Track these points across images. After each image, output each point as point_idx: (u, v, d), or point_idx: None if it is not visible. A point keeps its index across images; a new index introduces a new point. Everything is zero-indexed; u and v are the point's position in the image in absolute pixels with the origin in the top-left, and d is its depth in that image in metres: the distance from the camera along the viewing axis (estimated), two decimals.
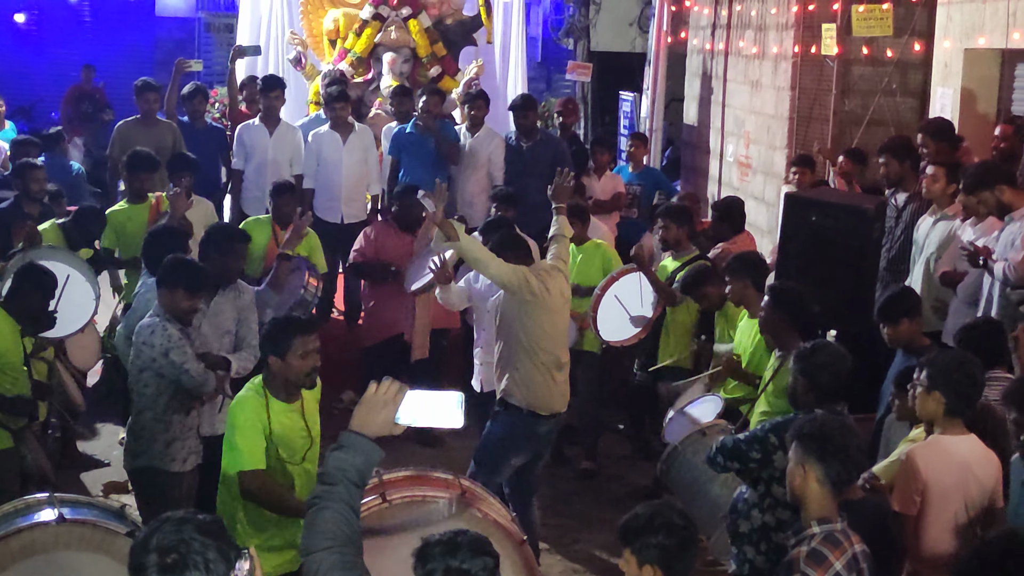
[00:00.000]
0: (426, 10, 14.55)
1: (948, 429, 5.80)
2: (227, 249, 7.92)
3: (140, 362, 6.89)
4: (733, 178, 14.51)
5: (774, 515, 5.92)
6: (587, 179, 12.44)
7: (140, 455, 6.97)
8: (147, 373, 6.88)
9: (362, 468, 3.97)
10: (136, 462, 7.01)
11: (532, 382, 7.79)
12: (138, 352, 6.89)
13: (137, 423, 6.99)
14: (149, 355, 6.83)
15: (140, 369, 6.90)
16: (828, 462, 4.84)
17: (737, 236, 9.98)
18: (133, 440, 7.02)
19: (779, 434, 5.95)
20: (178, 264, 7.13)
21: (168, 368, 6.82)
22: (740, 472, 6.14)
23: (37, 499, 5.78)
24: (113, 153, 11.95)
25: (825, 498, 4.85)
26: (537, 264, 7.99)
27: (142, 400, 6.94)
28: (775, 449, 5.93)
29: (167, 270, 7.05)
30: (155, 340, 6.82)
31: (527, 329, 7.76)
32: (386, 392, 4.01)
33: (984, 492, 5.74)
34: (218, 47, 22.82)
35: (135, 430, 7.00)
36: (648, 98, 16.54)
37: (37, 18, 22.97)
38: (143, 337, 6.86)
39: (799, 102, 12.59)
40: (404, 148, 11.98)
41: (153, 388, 6.91)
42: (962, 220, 8.39)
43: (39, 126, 20.79)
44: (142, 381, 6.91)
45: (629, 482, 9.84)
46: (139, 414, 6.97)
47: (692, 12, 16.57)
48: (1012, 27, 9.62)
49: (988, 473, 5.75)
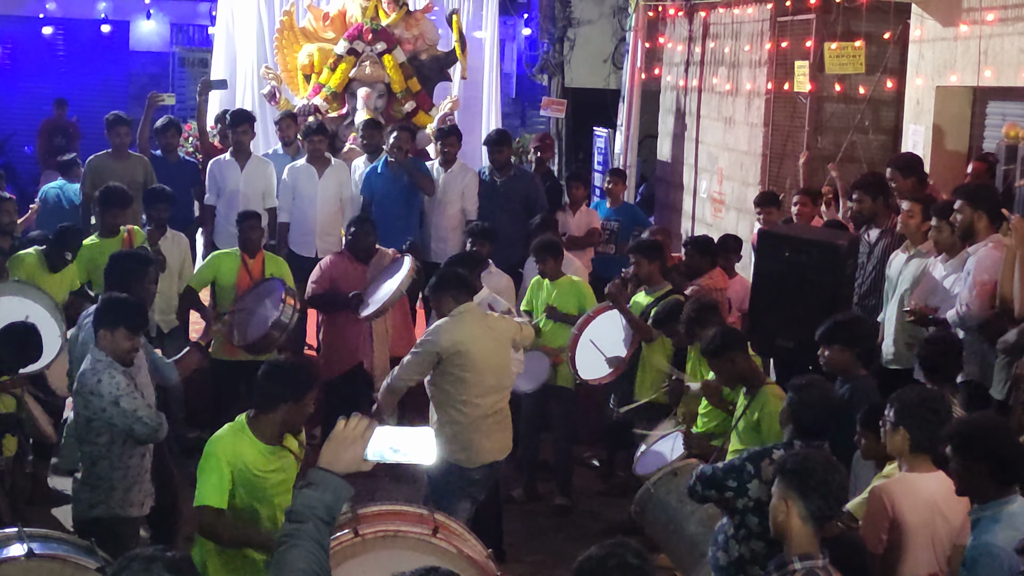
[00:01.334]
0: (401, 45, 14.58)
1: (915, 466, 5.79)
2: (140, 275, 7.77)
3: (88, 412, 6.61)
4: (706, 214, 14.56)
5: (748, 546, 5.91)
6: (562, 214, 12.44)
7: (97, 505, 6.74)
8: (97, 423, 6.63)
9: (331, 505, 3.93)
10: (93, 512, 6.75)
11: (459, 436, 7.78)
12: (85, 402, 6.60)
13: (93, 474, 6.73)
14: (98, 405, 6.56)
15: (89, 419, 6.63)
16: (810, 497, 4.82)
17: (711, 271, 10.00)
18: (89, 491, 6.75)
19: (756, 463, 5.99)
20: (115, 302, 6.88)
21: (119, 417, 6.55)
22: (718, 501, 6.14)
23: (6, 534, 5.72)
24: (85, 187, 11.89)
25: (807, 533, 4.83)
26: (469, 306, 7.89)
27: (95, 450, 6.68)
28: (751, 477, 5.96)
29: (106, 310, 6.80)
30: (103, 389, 6.55)
31: (457, 388, 7.79)
32: (355, 428, 3.98)
33: (952, 529, 5.72)
34: (192, 81, 22.79)
35: (90, 481, 6.74)
36: (622, 134, 16.60)
37: (11, 52, 22.92)
38: (89, 386, 6.57)
39: (772, 138, 12.66)
40: (376, 187, 11.94)
41: (106, 437, 6.67)
42: (935, 256, 8.41)
43: (12, 160, 20.80)
44: (93, 431, 6.65)
45: (604, 518, 9.80)
46: (93, 465, 6.71)
47: (666, 49, 16.65)
48: (983, 65, 9.70)
49: (956, 510, 5.72)
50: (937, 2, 10.50)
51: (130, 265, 7.85)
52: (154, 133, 12.42)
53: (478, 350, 7.75)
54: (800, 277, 8.48)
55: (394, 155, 11.81)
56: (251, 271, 10.04)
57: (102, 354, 6.68)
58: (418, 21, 15.02)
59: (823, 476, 4.88)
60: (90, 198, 11.62)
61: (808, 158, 11.45)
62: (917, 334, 8.38)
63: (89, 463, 6.75)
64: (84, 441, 6.74)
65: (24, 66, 22.83)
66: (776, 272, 8.66)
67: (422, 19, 15.11)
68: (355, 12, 14.81)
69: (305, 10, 15.52)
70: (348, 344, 10.12)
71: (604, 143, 17.47)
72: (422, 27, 14.98)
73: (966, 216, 7.97)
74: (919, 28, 10.88)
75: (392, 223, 11.62)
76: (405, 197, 11.88)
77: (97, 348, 6.73)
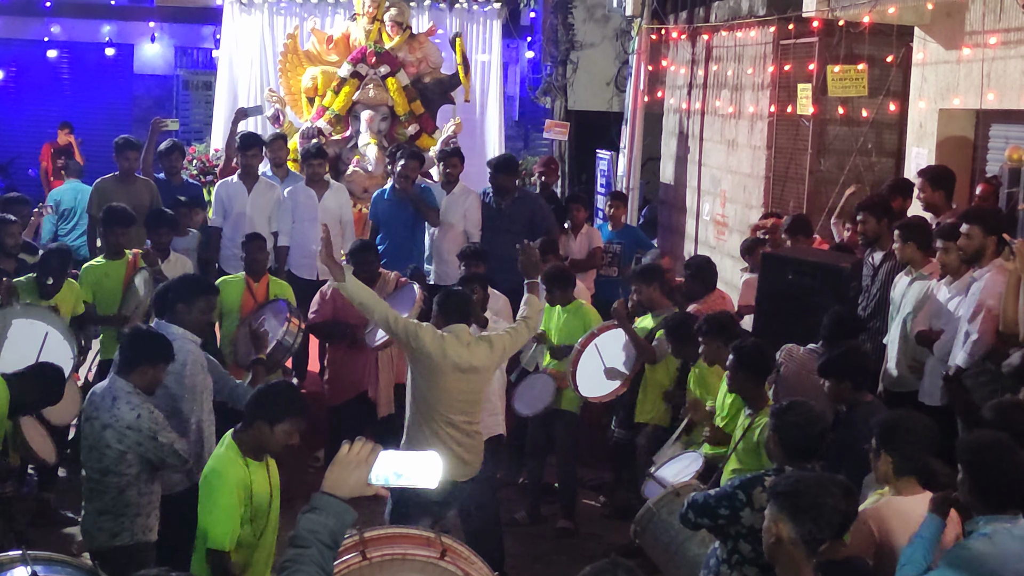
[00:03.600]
0: (404, 68, 14.64)
1: (902, 489, 5.81)
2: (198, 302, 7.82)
3: (122, 446, 6.69)
4: (710, 237, 14.57)
5: (741, 572, 5.91)
6: (563, 238, 12.45)
7: (121, 532, 6.80)
8: (131, 455, 6.72)
9: (335, 530, 3.92)
10: (117, 541, 6.79)
11: (420, 447, 7.67)
12: (120, 436, 6.68)
13: (120, 502, 6.77)
14: (135, 439, 6.68)
15: (123, 452, 6.70)
16: (800, 520, 4.74)
17: (709, 295, 10.01)
18: (112, 520, 6.78)
19: (747, 491, 5.99)
20: (148, 336, 7.03)
21: (156, 451, 6.69)
22: (711, 528, 6.14)
23: (10, 556, 5.71)
24: (91, 210, 11.92)
25: (798, 557, 4.75)
26: (456, 328, 7.86)
27: (123, 480, 6.74)
28: (743, 506, 5.96)
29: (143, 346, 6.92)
30: (142, 424, 6.67)
31: (418, 387, 7.78)
32: (359, 453, 3.97)
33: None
34: (196, 104, 22.92)
35: (115, 510, 6.78)
36: (625, 157, 16.61)
37: (15, 75, 23.00)
38: (126, 421, 6.68)
39: (775, 161, 12.67)
40: (382, 211, 11.96)
41: (136, 467, 6.76)
42: (938, 279, 8.42)
43: (16, 183, 20.82)
44: (124, 463, 6.72)
45: (607, 541, 9.76)
46: (121, 493, 6.76)
47: (669, 72, 16.68)
48: (986, 88, 9.71)
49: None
50: (940, 25, 10.52)
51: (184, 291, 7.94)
52: (158, 156, 12.44)
53: (453, 364, 7.68)
54: (803, 299, 8.49)
55: (401, 184, 11.81)
56: (255, 294, 10.05)
57: (130, 386, 6.79)
58: (421, 44, 15.09)
59: (814, 499, 4.79)
60: (95, 221, 11.65)
61: (858, 190, 11.05)
62: (921, 356, 8.38)
63: (116, 492, 6.78)
64: (111, 472, 6.75)
65: (29, 89, 22.94)
66: (779, 294, 8.67)
67: (425, 42, 15.17)
68: (359, 35, 14.89)
69: (309, 33, 15.61)
70: (354, 372, 10.11)
71: (607, 166, 17.49)
72: (425, 50, 15.05)
73: (975, 240, 7.97)
74: (922, 51, 10.89)
75: (398, 247, 11.66)
76: (411, 222, 11.90)
77: (124, 379, 6.82)
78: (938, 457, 6.18)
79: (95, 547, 6.85)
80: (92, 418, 6.80)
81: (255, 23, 16.91)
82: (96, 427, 6.76)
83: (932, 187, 9.39)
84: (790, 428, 6.08)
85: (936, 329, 8.25)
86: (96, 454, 6.76)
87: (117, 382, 6.83)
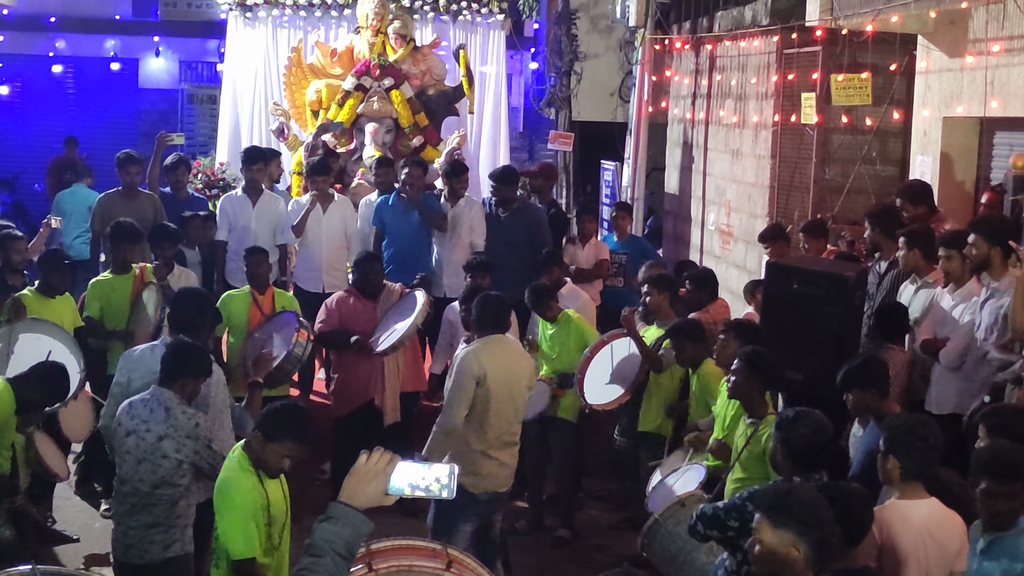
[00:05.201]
0: (408, 81, 14.67)
1: (906, 493, 5.83)
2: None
3: (181, 456, 6.78)
4: (715, 246, 14.57)
5: None
6: (571, 247, 12.48)
7: (173, 544, 6.90)
8: (186, 464, 6.82)
9: (350, 540, 3.92)
10: (169, 552, 6.89)
11: (468, 459, 7.84)
12: (179, 445, 6.78)
13: (172, 513, 6.86)
14: (193, 447, 6.78)
15: (180, 463, 6.80)
16: (806, 533, 4.68)
17: (711, 304, 10.03)
18: (164, 532, 6.86)
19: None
20: (192, 349, 7.14)
21: (209, 459, 6.76)
22: (720, 540, 6.14)
23: (20, 571, 5.73)
24: (95, 225, 11.94)
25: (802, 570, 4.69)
26: (494, 339, 8.06)
27: (177, 492, 6.84)
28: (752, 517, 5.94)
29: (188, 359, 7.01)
30: (200, 433, 6.78)
31: (473, 410, 7.94)
32: (376, 463, 3.98)
33: (946, 555, 5.75)
34: (201, 118, 22.94)
35: (167, 522, 6.86)
36: (629, 167, 16.63)
37: (20, 90, 23.04)
38: (186, 430, 6.78)
39: (779, 170, 12.68)
40: (387, 219, 11.99)
41: (189, 477, 6.86)
42: (943, 287, 8.43)
43: (22, 197, 20.86)
44: (179, 473, 6.82)
45: (614, 552, 9.77)
46: (174, 505, 6.85)
47: (673, 82, 16.70)
48: (990, 95, 9.72)
49: (949, 536, 5.76)
50: (943, 33, 10.54)
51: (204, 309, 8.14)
52: (164, 170, 12.47)
53: (499, 378, 7.91)
54: (808, 309, 8.49)
55: (405, 192, 11.85)
56: (261, 307, 10.06)
57: (176, 396, 6.88)
58: (425, 56, 15.12)
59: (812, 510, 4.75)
60: (100, 235, 11.68)
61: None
62: (928, 364, 8.39)
63: (168, 504, 6.85)
64: (164, 484, 6.82)
65: (34, 104, 22.95)
66: (784, 304, 8.66)
67: (429, 54, 15.21)
68: (363, 48, 14.92)
69: (313, 47, 15.65)
70: (359, 381, 10.11)
71: (611, 176, 17.52)
72: (429, 62, 15.08)
73: (981, 251, 7.98)
74: (925, 59, 10.91)
75: (404, 256, 11.70)
76: (416, 230, 11.93)
77: (170, 391, 6.90)
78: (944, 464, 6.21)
79: (146, 561, 6.87)
80: (140, 431, 6.84)
81: (259, 37, 16.96)
82: (150, 439, 6.81)
83: (913, 204, 9.40)
84: (798, 439, 6.08)
85: (941, 337, 8.26)
86: (149, 466, 6.80)
87: (163, 393, 6.90)
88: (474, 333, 8.19)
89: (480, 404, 7.93)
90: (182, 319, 7.83)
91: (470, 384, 7.88)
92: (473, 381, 7.87)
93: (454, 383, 7.97)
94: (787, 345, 8.24)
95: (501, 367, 7.96)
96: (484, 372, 7.88)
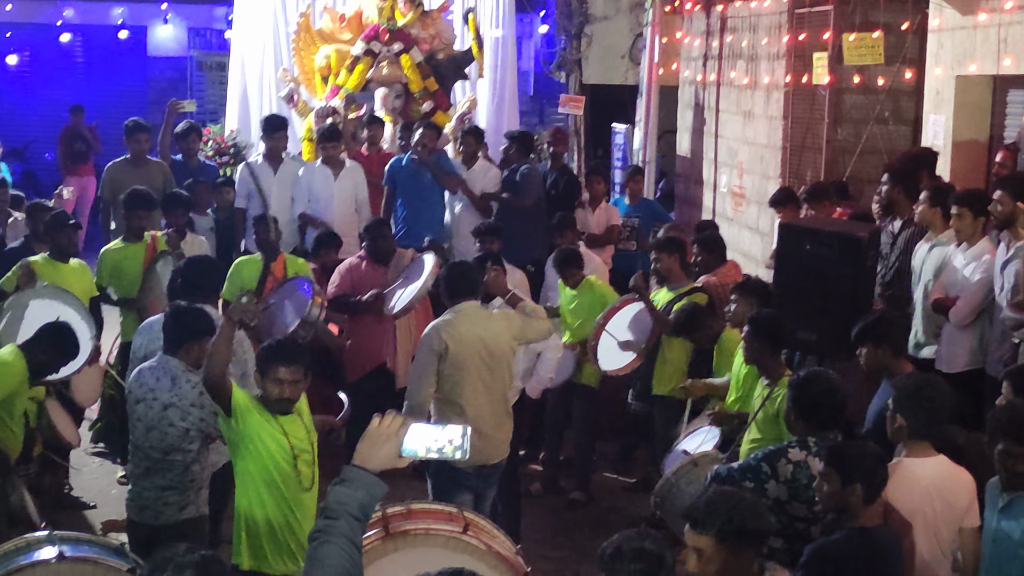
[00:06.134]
0: (418, 45, 14.62)
1: (914, 451, 5.85)
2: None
3: (186, 423, 6.84)
4: (727, 208, 14.54)
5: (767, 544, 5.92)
6: (581, 211, 12.46)
7: (188, 506, 6.95)
8: (193, 431, 6.87)
9: (364, 502, 3.93)
10: (184, 514, 6.94)
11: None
12: (184, 414, 6.83)
13: (186, 476, 6.91)
14: (198, 415, 6.83)
15: (186, 430, 6.85)
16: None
17: (721, 266, 10.00)
18: (179, 495, 6.92)
19: (771, 463, 6.05)
20: (196, 314, 7.16)
21: (215, 424, 6.75)
22: None
23: (37, 537, 5.78)
24: (104, 195, 11.95)
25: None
26: (464, 307, 7.88)
27: (188, 456, 6.90)
28: (768, 478, 6.01)
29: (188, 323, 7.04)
30: (205, 401, 6.79)
31: (443, 382, 7.78)
32: (389, 425, 3.98)
33: (955, 512, 5.78)
34: (210, 85, 22.91)
35: (180, 485, 6.91)
36: (641, 130, 16.58)
37: (29, 60, 23.01)
38: (190, 398, 6.83)
39: (792, 131, 12.62)
40: (400, 180, 11.99)
41: (198, 443, 6.91)
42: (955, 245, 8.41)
43: (33, 167, 20.86)
44: (188, 439, 6.87)
45: (629, 514, 9.79)
46: (186, 469, 6.90)
47: (683, 44, 16.62)
48: (1003, 53, 9.66)
49: (957, 493, 5.79)
50: None
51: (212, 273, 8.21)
52: (175, 138, 12.45)
53: (471, 349, 7.71)
54: (821, 270, 8.46)
55: (418, 153, 11.83)
56: (274, 272, 10.07)
57: (182, 364, 6.93)
58: (434, 20, 15.06)
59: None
60: (109, 205, 11.69)
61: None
62: (942, 323, 8.38)
63: (182, 468, 6.91)
64: (175, 450, 6.87)
65: (43, 73, 22.94)
66: (797, 265, 8.64)
67: (438, 18, 15.15)
68: (371, 13, 14.87)
69: (322, 12, 15.60)
70: (372, 344, 10.13)
71: (623, 139, 17.47)
72: (438, 26, 15.03)
73: (1007, 208, 7.95)
74: (937, 17, 10.84)
75: (416, 217, 11.71)
76: (428, 190, 11.93)
77: (176, 359, 6.94)
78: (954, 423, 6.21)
79: (160, 522, 6.91)
80: (148, 399, 6.89)
81: (267, 3, 16.86)
82: (156, 407, 6.86)
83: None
84: (810, 398, 6.10)
85: (952, 296, 8.25)
86: (158, 434, 6.86)
87: (169, 361, 6.95)
88: (444, 304, 7.99)
89: (450, 381, 7.71)
90: (190, 284, 7.84)
91: (430, 359, 7.67)
92: (434, 356, 7.66)
93: (415, 359, 7.86)
94: (800, 306, 8.22)
95: (471, 336, 7.73)
96: (446, 346, 7.64)
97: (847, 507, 5.32)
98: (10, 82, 22.72)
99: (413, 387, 7.80)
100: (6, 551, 5.69)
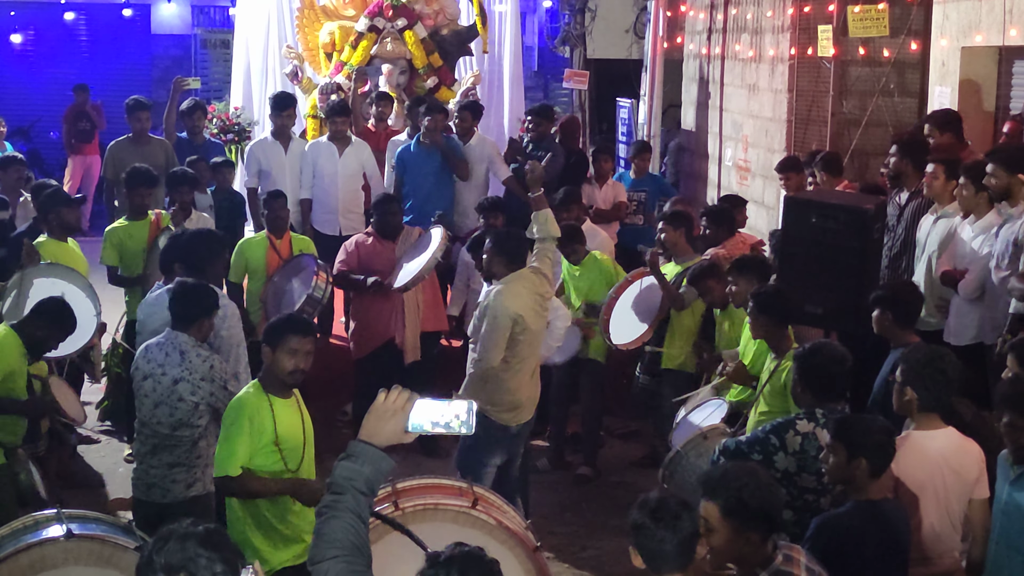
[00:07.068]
0: (422, 21, 14.57)
1: (922, 423, 5.86)
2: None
3: (196, 398, 6.83)
4: (732, 182, 14.51)
5: None
6: (588, 187, 12.43)
7: (195, 483, 6.96)
8: (203, 406, 6.86)
9: (370, 478, 3.93)
10: (192, 491, 6.95)
11: (504, 394, 7.91)
12: (194, 388, 6.82)
13: (193, 453, 6.92)
14: (208, 390, 6.83)
15: (196, 404, 6.85)
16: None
17: (729, 239, 9.98)
18: (186, 472, 6.93)
19: (780, 435, 6.05)
20: (203, 290, 7.14)
21: (224, 399, 6.74)
22: None
23: (45, 515, 5.77)
24: (107, 173, 11.94)
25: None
26: (520, 274, 7.98)
27: (196, 432, 6.90)
28: (776, 450, 6.02)
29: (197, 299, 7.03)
30: (215, 375, 6.83)
31: (508, 350, 7.88)
32: (395, 400, 3.99)
33: (964, 484, 5.79)
34: (215, 63, 22.85)
35: (188, 462, 6.92)
36: (645, 104, 16.54)
37: (33, 38, 22.96)
38: (201, 373, 6.83)
39: (797, 104, 12.59)
40: (408, 164, 11.94)
41: (207, 417, 6.90)
42: (962, 217, 8.39)
43: (37, 146, 20.83)
44: (197, 414, 6.86)
45: (637, 488, 9.78)
46: (194, 445, 6.91)
47: (688, 17, 16.57)
48: (1008, 24, 9.63)
49: (966, 465, 5.79)
50: None
51: (211, 245, 8.13)
52: (180, 115, 12.44)
53: (530, 316, 7.88)
54: (827, 242, 8.45)
55: (429, 138, 11.79)
56: (279, 251, 10.07)
57: (192, 339, 6.93)
58: None
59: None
60: (112, 183, 11.69)
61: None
62: (947, 296, 8.37)
63: (189, 445, 6.91)
64: (183, 425, 6.87)
65: (47, 52, 22.86)
66: (803, 238, 8.62)
67: None
68: None
69: None
70: (379, 320, 10.13)
71: (628, 114, 17.43)
72: (442, 2, 14.97)
73: (1001, 180, 7.95)
74: None
75: (424, 201, 11.67)
76: (436, 174, 11.90)
77: (185, 334, 6.94)
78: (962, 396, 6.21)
79: (168, 500, 6.92)
80: (156, 375, 6.88)
81: None
82: (165, 382, 6.85)
83: (940, 131, 9.36)
84: (815, 370, 6.10)
85: (960, 269, 8.24)
86: (167, 409, 6.86)
87: (178, 337, 6.93)
88: (498, 273, 7.98)
89: (515, 345, 7.85)
90: (194, 259, 7.83)
91: (507, 325, 7.77)
92: (510, 323, 7.77)
93: (489, 327, 7.81)
94: (807, 279, 8.22)
95: (530, 305, 7.91)
96: (520, 315, 7.79)
97: (853, 480, 5.31)
98: (14, 61, 22.66)
99: (487, 355, 7.82)
100: (14, 529, 5.69)
